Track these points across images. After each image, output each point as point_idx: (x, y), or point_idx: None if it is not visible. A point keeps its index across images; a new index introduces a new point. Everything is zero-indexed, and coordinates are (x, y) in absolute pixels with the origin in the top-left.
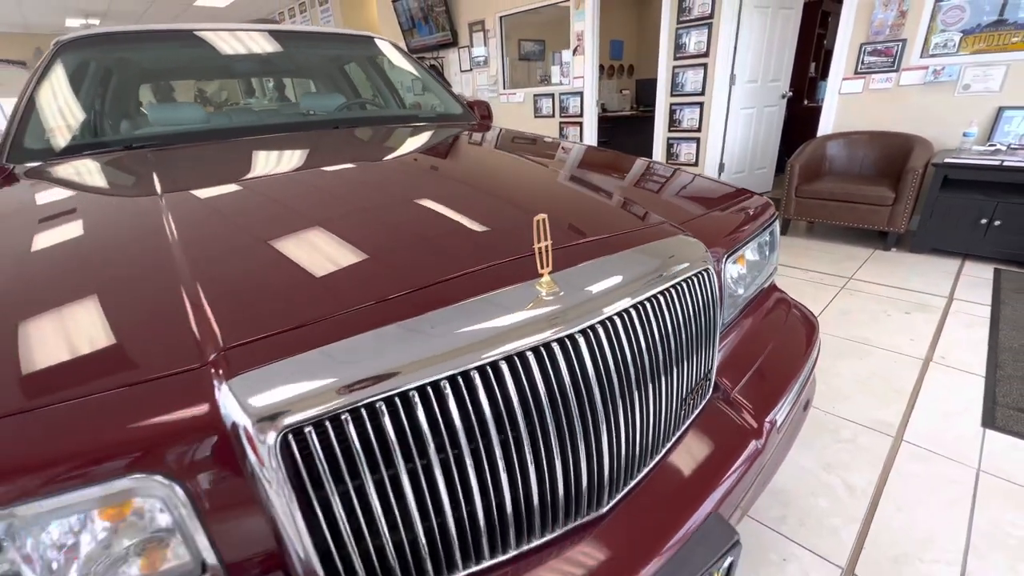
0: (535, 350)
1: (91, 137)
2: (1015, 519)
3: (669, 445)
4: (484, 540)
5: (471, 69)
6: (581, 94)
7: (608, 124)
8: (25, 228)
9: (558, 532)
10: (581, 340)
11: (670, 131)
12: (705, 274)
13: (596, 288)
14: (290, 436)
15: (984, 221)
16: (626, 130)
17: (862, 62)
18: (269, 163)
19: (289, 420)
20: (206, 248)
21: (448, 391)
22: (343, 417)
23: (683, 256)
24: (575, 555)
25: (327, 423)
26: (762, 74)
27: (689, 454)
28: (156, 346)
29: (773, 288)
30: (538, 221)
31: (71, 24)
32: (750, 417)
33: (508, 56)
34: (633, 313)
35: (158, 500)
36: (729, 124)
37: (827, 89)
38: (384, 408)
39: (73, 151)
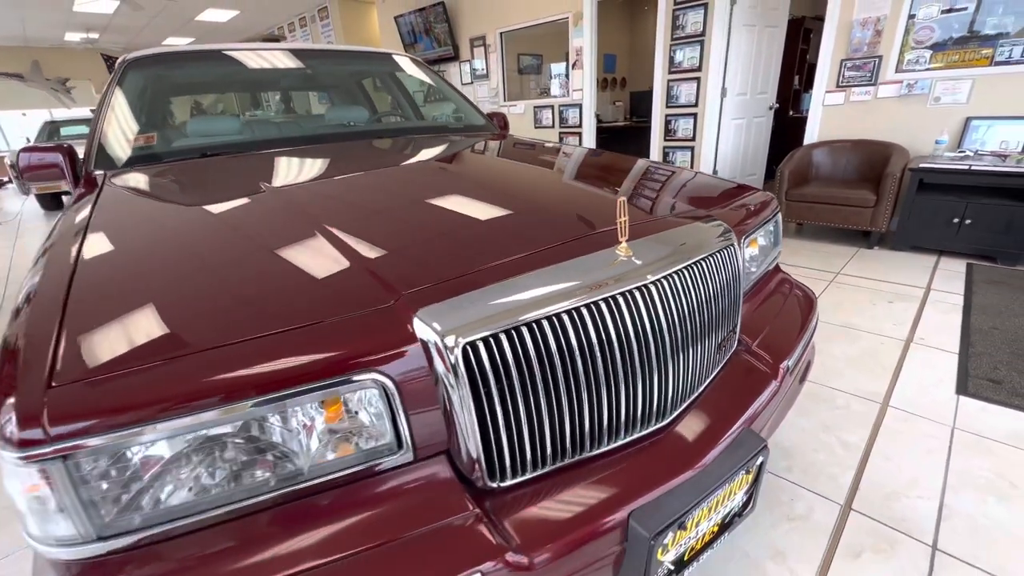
0: (622, 295)
1: (169, 146)
2: (982, 464)
3: (710, 380)
4: (587, 436)
5: (472, 82)
6: (580, 106)
7: (604, 134)
8: (189, 217)
9: (634, 436)
10: (654, 289)
11: (666, 140)
12: (733, 249)
13: (660, 252)
14: (468, 348)
15: (956, 220)
16: (621, 140)
17: (843, 76)
18: (356, 163)
19: (467, 338)
20: (359, 223)
21: (567, 322)
22: (500, 335)
23: (717, 234)
24: (642, 453)
25: (491, 340)
26: (751, 87)
27: (725, 387)
28: (360, 292)
29: (778, 269)
30: (620, 202)
31: (71, 38)
32: (767, 364)
33: (507, 69)
34: (686, 272)
35: (376, 393)
36: (721, 134)
37: (811, 101)
38: (524, 331)
39: (159, 158)
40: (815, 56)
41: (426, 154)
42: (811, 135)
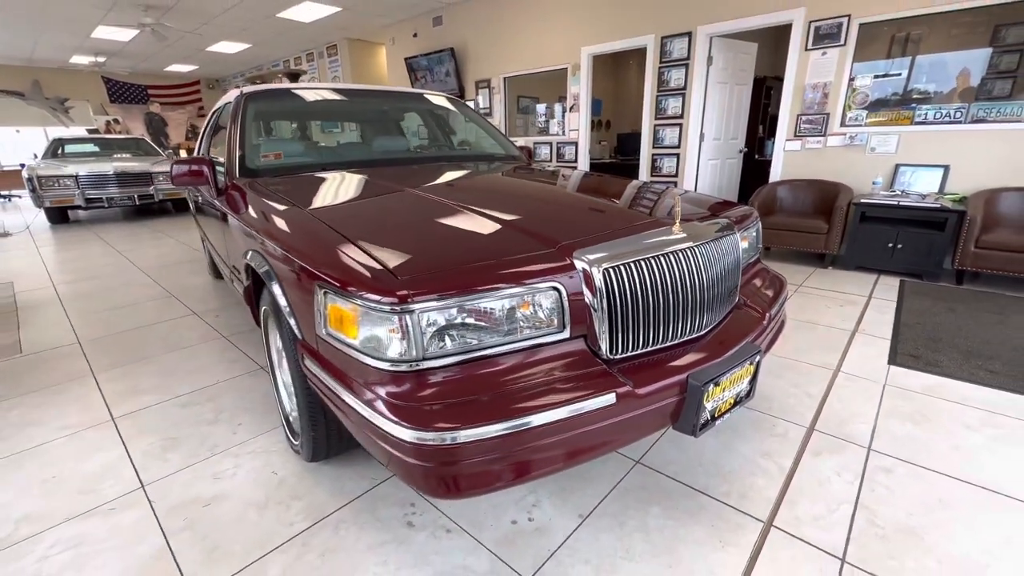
0: (681, 251)
1: (296, 161)
2: (903, 404)
3: (725, 316)
4: (662, 333)
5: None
6: (576, 144)
7: (596, 170)
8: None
9: (686, 338)
10: (696, 252)
11: (652, 175)
12: (734, 236)
13: (696, 231)
14: (606, 272)
15: (891, 245)
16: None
17: (799, 128)
18: (451, 174)
19: (604, 267)
20: (496, 206)
21: (654, 264)
22: (619, 267)
23: (725, 225)
24: (691, 349)
25: (613, 269)
26: (724, 133)
27: (734, 322)
28: (532, 242)
29: (759, 260)
30: (676, 197)
31: (77, 60)
32: (759, 312)
33: (508, 108)
34: (711, 244)
35: (553, 295)
36: (700, 172)
37: (775, 147)
38: (632, 266)
39: (290, 169)
40: (775, 109)
41: (500, 168)
42: (775, 175)
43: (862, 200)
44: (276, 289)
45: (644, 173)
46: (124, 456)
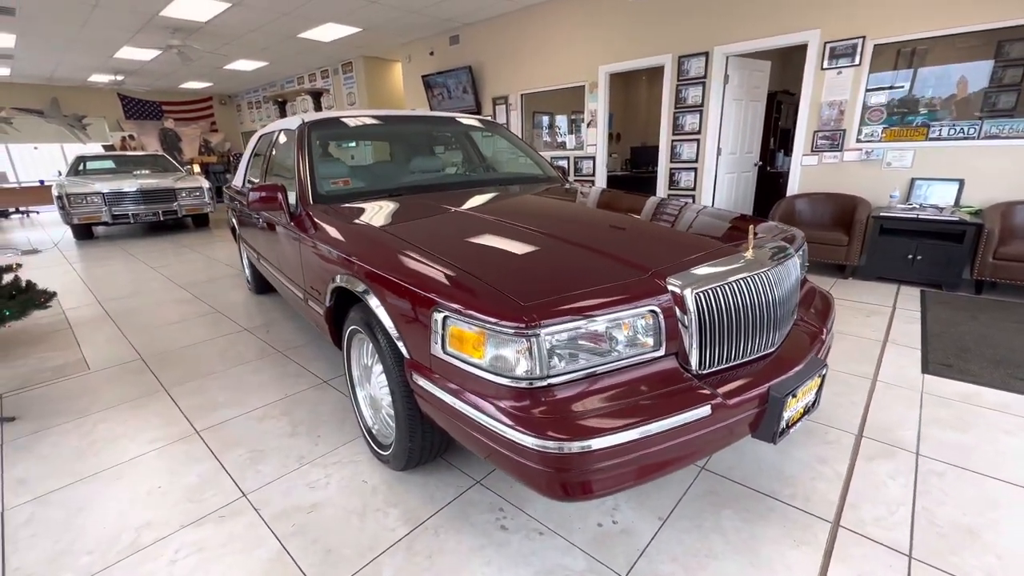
0: (757, 275)
1: (363, 187)
2: (943, 412)
3: (788, 332)
4: (743, 350)
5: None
6: (594, 159)
7: (612, 184)
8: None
9: (761, 353)
10: (772, 273)
11: (670, 189)
12: (794, 257)
13: (766, 256)
14: (696, 295)
15: (910, 256)
16: (627, 189)
17: (816, 144)
18: (511, 200)
19: (696, 290)
20: (585, 233)
21: (736, 287)
22: (708, 290)
23: (789, 248)
24: (766, 363)
25: (703, 293)
26: (740, 147)
27: (796, 337)
28: (625, 268)
29: (806, 279)
30: (751, 228)
31: (96, 79)
32: (816, 328)
33: (524, 124)
34: (779, 267)
35: (651, 318)
36: (717, 186)
37: (792, 162)
38: (719, 290)
39: (359, 196)
40: (786, 122)
41: (552, 190)
42: (792, 188)
43: (881, 214)
44: (379, 310)
45: (662, 187)
46: (219, 467)
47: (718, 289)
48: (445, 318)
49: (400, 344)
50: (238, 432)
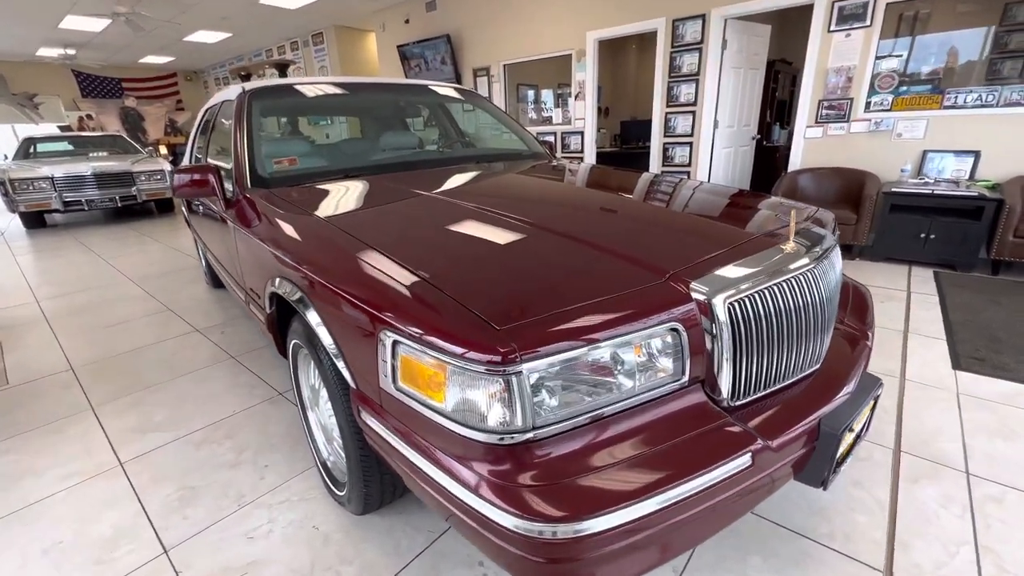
0: (802, 274)
1: (314, 167)
2: (986, 417)
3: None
4: (783, 370)
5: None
6: (582, 134)
7: (602, 160)
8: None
9: (807, 372)
10: (818, 269)
11: (664, 165)
12: (838, 247)
13: (809, 245)
14: (730, 305)
15: (923, 235)
16: (618, 165)
17: (821, 114)
18: (494, 181)
19: (729, 298)
20: (581, 222)
21: (778, 291)
22: (744, 298)
23: (830, 235)
24: (810, 384)
25: (738, 302)
26: (738, 120)
27: (841, 342)
28: (636, 271)
29: None
30: (793, 211)
31: (45, 53)
32: (859, 330)
33: (508, 97)
34: (825, 260)
35: (672, 337)
36: (713, 161)
37: (794, 134)
38: (756, 296)
39: (308, 177)
40: (783, 94)
41: (538, 169)
42: (794, 163)
43: (894, 189)
44: (320, 329)
45: (655, 163)
46: (140, 512)
47: (755, 295)
48: (395, 343)
49: (344, 370)
50: (170, 462)
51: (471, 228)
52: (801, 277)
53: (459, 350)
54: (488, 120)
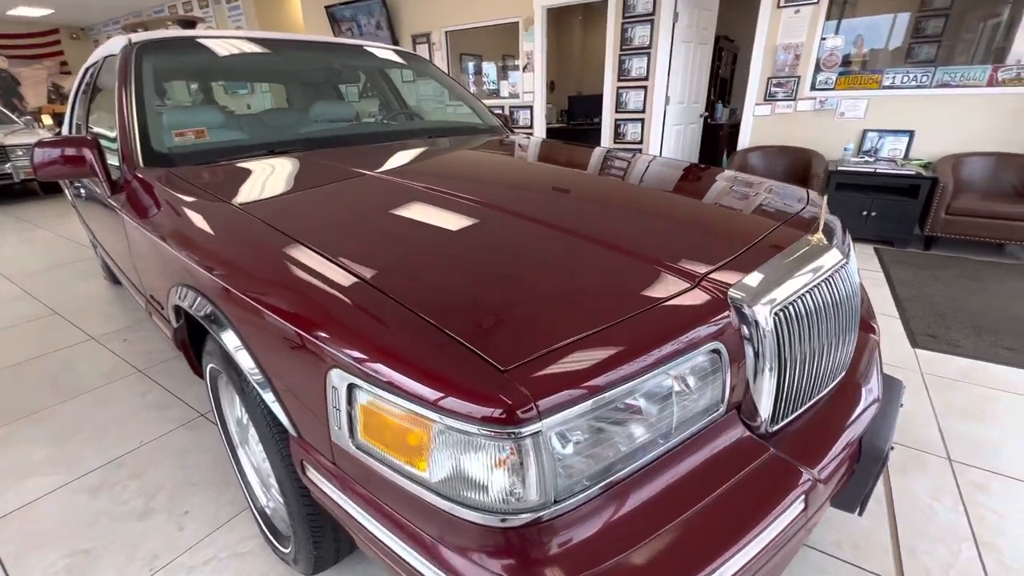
0: (836, 271)
1: (228, 140)
2: (953, 397)
3: None
4: (818, 384)
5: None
6: (531, 108)
7: (552, 136)
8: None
9: (835, 383)
10: (849, 265)
11: (616, 143)
12: (848, 235)
13: (833, 237)
14: (776, 315)
15: (865, 213)
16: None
17: (769, 92)
18: (451, 158)
19: (775, 306)
20: (571, 211)
21: (817, 294)
22: (789, 305)
23: (839, 225)
24: (836, 396)
25: (783, 310)
26: (687, 96)
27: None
28: (656, 272)
29: None
30: (825, 199)
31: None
32: (867, 327)
33: (451, 68)
34: (850, 251)
35: (714, 360)
36: (665, 138)
37: (744, 112)
38: (799, 303)
39: (221, 154)
40: (725, 71)
41: (503, 145)
42: (744, 141)
43: (840, 168)
44: (240, 355)
45: (607, 140)
46: None
47: (799, 301)
48: (352, 388)
49: (279, 412)
50: (55, 517)
51: (438, 219)
52: (837, 275)
53: (450, 403)
54: (433, 91)
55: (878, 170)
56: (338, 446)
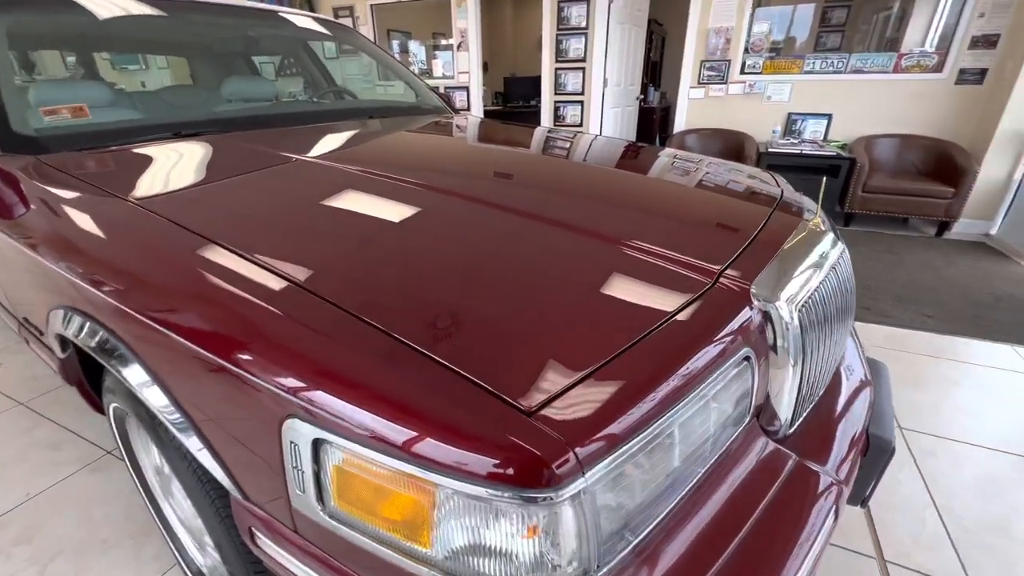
0: (842, 258)
1: (120, 121)
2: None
3: None
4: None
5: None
6: (467, 89)
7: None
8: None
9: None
10: (848, 252)
11: (556, 126)
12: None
13: (821, 219)
14: (801, 310)
15: None
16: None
17: (703, 75)
18: (398, 141)
19: (799, 300)
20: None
21: (829, 285)
22: (810, 299)
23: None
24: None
25: (805, 305)
26: (624, 79)
27: None
28: (667, 269)
29: None
30: (824, 180)
31: None
32: None
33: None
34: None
35: (745, 368)
36: (604, 121)
37: (679, 95)
38: (817, 295)
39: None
40: (656, 55)
41: (452, 126)
42: (679, 124)
43: (770, 150)
44: (149, 392)
45: (547, 123)
46: None
47: (816, 294)
48: (319, 444)
49: (215, 467)
50: None
51: (403, 214)
52: (842, 262)
53: (460, 460)
54: (360, 69)
55: (804, 151)
56: (302, 514)
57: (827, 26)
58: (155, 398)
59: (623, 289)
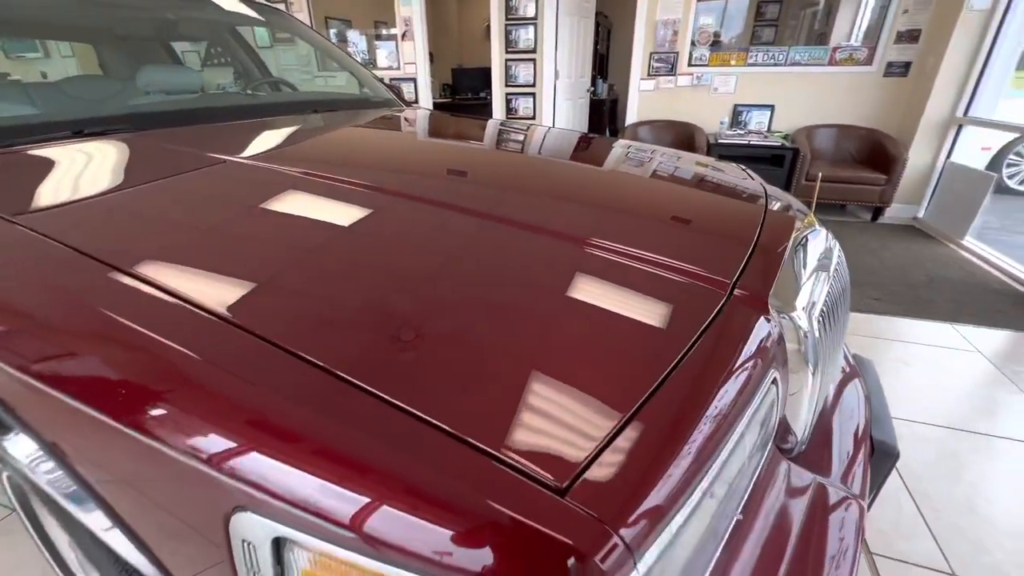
0: (840, 256)
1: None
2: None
3: None
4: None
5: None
6: (415, 80)
7: (441, 111)
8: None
9: None
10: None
11: (508, 117)
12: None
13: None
14: (819, 320)
15: None
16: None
17: (652, 67)
18: (352, 138)
19: (816, 309)
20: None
21: (834, 287)
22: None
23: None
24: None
25: (822, 314)
26: (575, 71)
27: None
28: (689, 288)
29: None
30: (819, 176)
31: None
32: None
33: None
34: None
35: (771, 391)
36: (556, 114)
37: (630, 87)
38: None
39: None
40: (603, 47)
41: (407, 121)
42: (631, 116)
43: (720, 141)
44: (41, 469)
45: (499, 115)
46: None
47: (827, 296)
48: (279, 542)
49: (141, 563)
50: None
51: (367, 226)
52: (842, 261)
53: (478, 561)
54: (297, 59)
55: (751, 142)
56: None
57: (762, 20)
58: (54, 479)
59: (632, 309)
